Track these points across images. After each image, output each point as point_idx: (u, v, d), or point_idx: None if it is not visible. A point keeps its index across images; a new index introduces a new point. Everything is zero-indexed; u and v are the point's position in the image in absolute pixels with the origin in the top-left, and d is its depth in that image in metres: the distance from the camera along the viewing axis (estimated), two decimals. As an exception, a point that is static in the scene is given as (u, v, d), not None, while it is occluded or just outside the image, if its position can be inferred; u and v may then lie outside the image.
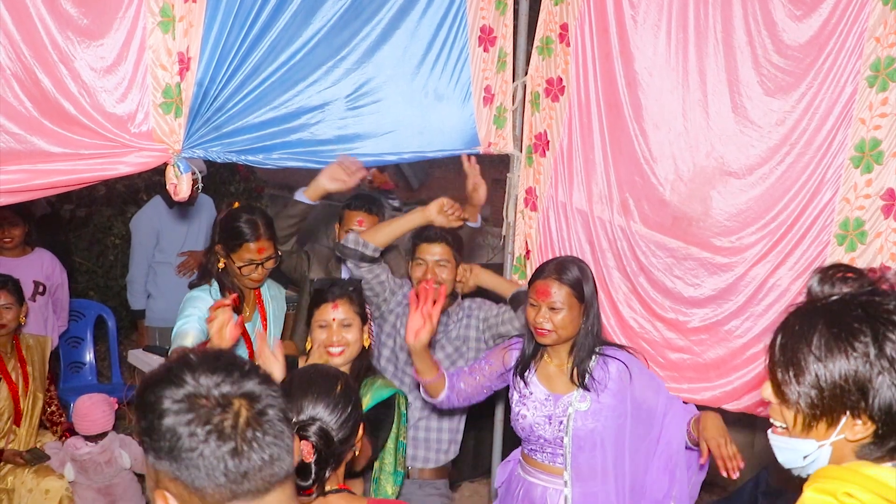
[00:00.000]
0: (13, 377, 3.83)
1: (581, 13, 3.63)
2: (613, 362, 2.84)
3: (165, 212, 5.07)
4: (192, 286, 3.27)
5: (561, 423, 2.82)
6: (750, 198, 3.27)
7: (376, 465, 2.82)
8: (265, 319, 3.32)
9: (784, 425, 1.54)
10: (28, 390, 3.88)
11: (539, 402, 2.88)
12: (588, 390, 2.80)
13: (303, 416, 2.01)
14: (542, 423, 2.86)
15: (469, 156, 3.71)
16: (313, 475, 1.95)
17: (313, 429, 1.98)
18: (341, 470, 2.08)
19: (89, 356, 5.47)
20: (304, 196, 3.46)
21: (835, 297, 1.49)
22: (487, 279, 3.50)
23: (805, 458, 1.50)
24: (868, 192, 3.01)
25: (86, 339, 5.48)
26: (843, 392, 1.42)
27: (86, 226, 6.98)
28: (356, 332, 2.75)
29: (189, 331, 3.12)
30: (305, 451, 1.94)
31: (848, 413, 1.43)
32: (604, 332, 3.58)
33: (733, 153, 3.28)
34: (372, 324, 2.90)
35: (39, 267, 4.70)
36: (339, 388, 2.07)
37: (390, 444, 2.82)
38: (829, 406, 1.44)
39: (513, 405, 2.98)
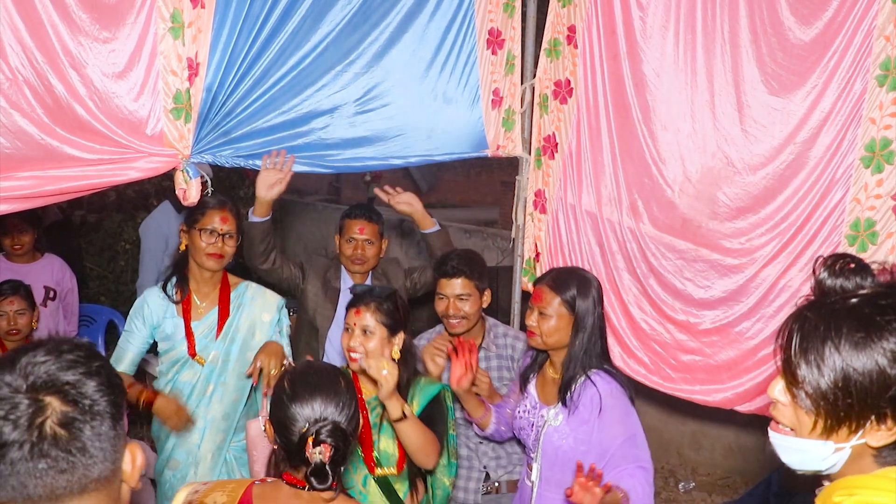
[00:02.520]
0: (25, 382, 3.85)
1: (588, 15, 3.63)
2: (591, 388, 2.74)
3: (174, 217, 5.08)
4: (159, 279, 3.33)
5: (538, 433, 2.83)
6: (757, 198, 3.26)
7: None
8: (223, 319, 3.25)
9: (790, 427, 1.46)
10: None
11: (529, 408, 2.90)
12: (565, 406, 2.76)
13: (314, 417, 1.98)
14: (526, 428, 2.89)
15: (383, 188, 3.71)
16: (332, 475, 1.94)
17: (327, 429, 1.96)
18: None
19: (100, 361, 5.49)
20: (254, 217, 3.44)
21: (858, 296, 1.42)
22: None
23: (824, 461, 1.43)
24: (879, 193, 3.00)
25: (97, 343, 5.50)
26: (869, 395, 1.36)
27: (96, 231, 7.02)
28: (379, 341, 2.72)
29: (126, 353, 3.24)
30: (324, 453, 1.94)
31: (873, 417, 1.36)
32: (621, 348, 3.59)
33: (739, 153, 3.28)
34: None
35: (49, 272, 4.73)
36: (342, 385, 2.06)
37: None
38: (855, 409, 1.37)
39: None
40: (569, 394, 2.75)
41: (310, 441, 1.96)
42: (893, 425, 1.36)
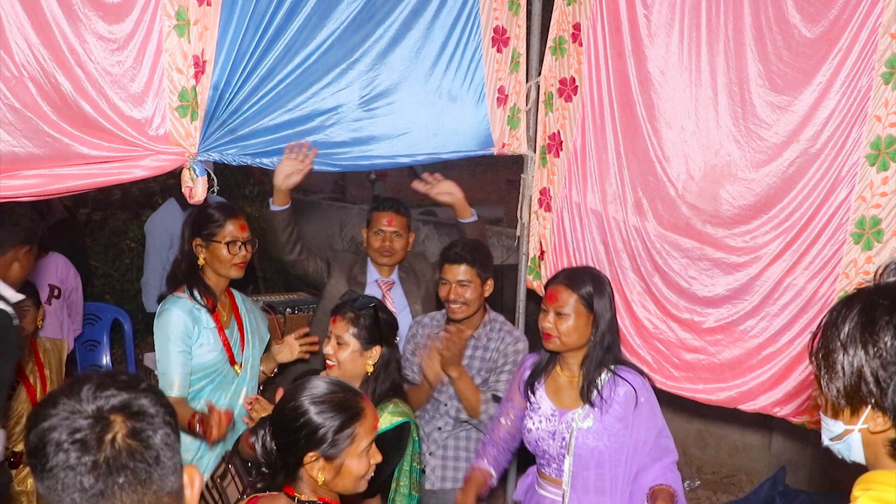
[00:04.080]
0: (31, 380, 3.85)
1: (594, 13, 3.63)
2: (623, 384, 2.76)
3: (180, 215, 5.09)
4: (160, 298, 3.20)
5: (564, 439, 2.78)
6: (761, 196, 3.26)
7: (392, 486, 2.81)
8: (241, 327, 3.27)
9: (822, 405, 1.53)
10: (46, 393, 3.89)
11: (545, 417, 2.86)
12: (593, 406, 2.75)
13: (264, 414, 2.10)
14: (546, 439, 2.84)
15: (422, 178, 3.75)
16: (260, 471, 2.04)
17: (260, 433, 2.04)
18: (314, 483, 2.05)
19: (106, 359, 5.50)
20: (274, 206, 3.48)
21: (878, 286, 1.47)
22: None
23: (831, 439, 1.49)
24: (884, 191, 2.99)
25: (102, 342, 5.51)
26: (862, 384, 1.40)
27: (102, 230, 7.04)
28: (351, 353, 2.73)
29: (173, 375, 3.06)
30: (250, 442, 2.05)
31: (870, 406, 1.41)
32: (624, 347, 3.59)
33: (742, 151, 3.27)
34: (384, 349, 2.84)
35: (54, 271, 4.73)
36: (314, 397, 2.07)
37: (406, 467, 2.81)
38: (850, 395, 1.42)
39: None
40: (596, 392, 2.74)
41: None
42: (886, 418, 1.40)
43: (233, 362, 3.18)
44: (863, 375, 1.40)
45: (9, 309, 2.75)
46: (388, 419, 2.72)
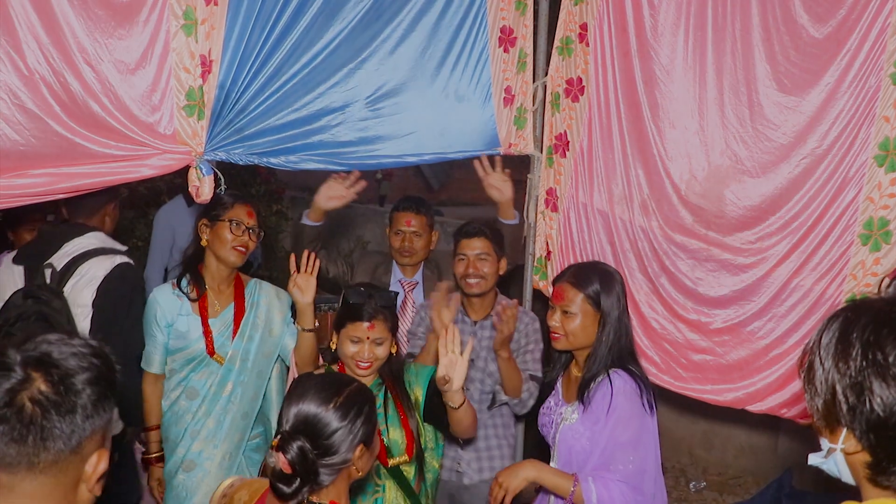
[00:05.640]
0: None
1: (600, 13, 3.62)
2: (606, 386, 2.61)
3: (184, 209, 5.09)
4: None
5: (556, 431, 2.76)
6: (767, 197, 3.25)
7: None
8: (239, 318, 3.23)
9: None
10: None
11: (553, 405, 2.87)
12: (582, 404, 2.66)
13: (288, 426, 1.94)
14: (548, 426, 2.83)
15: (480, 159, 3.72)
16: (293, 486, 1.91)
17: (295, 444, 1.91)
18: (341, 485, 2.01)
19: (112, 357, 5.49)
20: (308, 220, 3.57)
21: (865, 300, 1.42)
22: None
23: (827, 458, 1.43)
24: (892, 192, 2.98)
25: (108, 340, 5.50)
26: (835, 402, 1.36)
27: (108, 228, 7.04)
28: (386, 347, 2.76)
29: (153, 356, 3.20)
30: (281, 464, 1.90)
31: (845, 427, 1.36)
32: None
33: (749, 151, 3.27)
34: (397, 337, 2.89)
35: (57, 269, 4.73)
36: (337, 400, 1.99)
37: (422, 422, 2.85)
38: (827, 414, 1.38)
39: None
40: (586, 392, 2.65)
41: (275, 442, 1.94)
42: (857, 440, 1.36)
43: (210, 352, 3.15)
44: (835, 393, 1.35)
45: (130, 260, 3.07)
46: (425, 373, 2.85)
